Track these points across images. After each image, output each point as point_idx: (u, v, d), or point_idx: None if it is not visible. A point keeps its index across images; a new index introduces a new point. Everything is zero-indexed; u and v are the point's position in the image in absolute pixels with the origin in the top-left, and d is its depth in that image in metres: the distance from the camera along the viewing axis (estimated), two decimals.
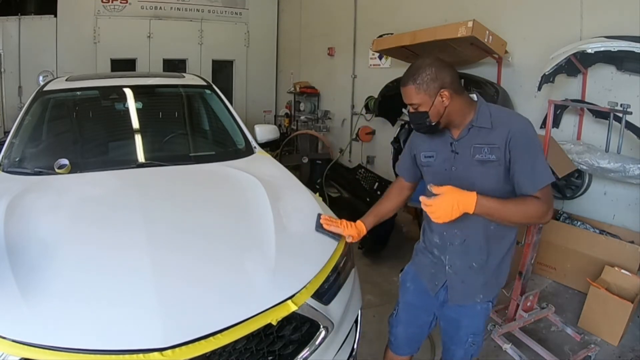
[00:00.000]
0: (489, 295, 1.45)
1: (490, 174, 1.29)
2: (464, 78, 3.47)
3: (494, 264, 1.41)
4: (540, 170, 1.25)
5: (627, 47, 2.49)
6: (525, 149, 1.25)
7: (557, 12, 3.10)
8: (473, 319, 1.48)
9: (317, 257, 1.52)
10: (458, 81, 1.31)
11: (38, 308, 1.18)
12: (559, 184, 3.15)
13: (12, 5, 5.50)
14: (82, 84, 2.68)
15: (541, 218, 1.25)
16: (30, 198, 1.71)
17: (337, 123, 5.83)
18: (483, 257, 1.39)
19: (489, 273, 1.42)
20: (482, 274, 1.41)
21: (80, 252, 1.40)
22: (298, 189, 1.94)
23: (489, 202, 1.21)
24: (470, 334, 1.49)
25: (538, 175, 1.24)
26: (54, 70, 5.64)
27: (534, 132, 1.29)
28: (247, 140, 2.51)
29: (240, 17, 6.82)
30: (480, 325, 1.51)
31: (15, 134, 2.24)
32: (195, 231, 1.54)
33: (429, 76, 1.27)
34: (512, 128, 1.26)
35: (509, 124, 1.27)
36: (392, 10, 4.68)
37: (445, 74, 1.27)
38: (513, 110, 3.33)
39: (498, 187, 1.29)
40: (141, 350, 1.11)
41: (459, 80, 1.32)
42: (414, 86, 1.28)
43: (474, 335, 1.49)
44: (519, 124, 1.28)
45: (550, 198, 1.26)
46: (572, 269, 2.88)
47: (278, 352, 1.33)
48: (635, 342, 2.38)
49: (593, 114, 2.93)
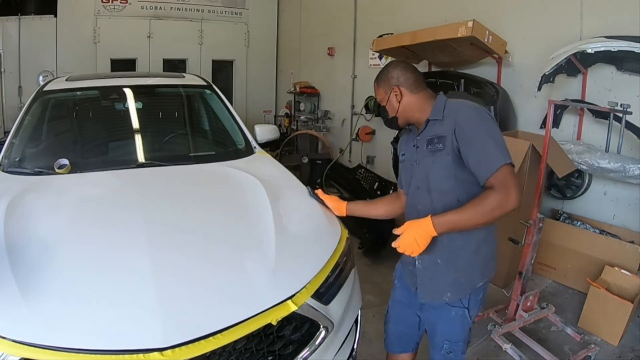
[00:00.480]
0: (458, 295, 1.41)
1: (440, 162, 1.34)
2: (464, 78, 3.48)
3: (460, 262, 1.39)
4: (490, 154, 1.24)
5: (627, 47, 2.49)
6: (471, 137, 1.27)
7: (557, 12, 3.11)
8: (447, 324, 1.46)
9: (317, 257, 1.52)
10: (416, 81, 1.41)
11: (38, 308, 1.17)
12: (559, 184, 3.16)
13: (12, 5, 5.49)
14: (82, 84, 2.68)
15: (504, 207, 1.21)
16: (30, 198, 1.71)
17: (337, 123, 5.83)
18: (445, 254, 1.38)
19: (457, 271, 1.39)
20: (449, 272, 1.40)
21: (80, 252, 1.40)
22: (298, 189, 1.94)
23: (446, 217, 1.25)
24: (446, 340, 1.47)
25: (487, 161, 1.24)
26: (54, 70, 5.63)
27: (481, 119, 1.30)
28: (247, 140, 2.51)
29: (240, 17, 6.82)
30: (457, 334, 1.47)
31: (15, 134, 2.24)
32: (195, 231, 1.54)
33: (385, 75, 1.44)
34: (458, 117, 1.31)
35: (456, 113, 1.32)
36: (392, 10, 4.68)
37: (400, 74, 1.41)
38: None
39: (448, 175, 1.33)
40: (141, 350, 1.11)
41: (420, 80, 1.42)
42: (376, 84, 1.47)
43: (450, 342, 1.46)
44: (464, 113, 1.31)
45: (508, 181, 1.21)
46: (572, 269, 2.88)
47: (278, 352, 1.33)
48: (635, 342, 2.38)
49: (593, 114, 2.93)
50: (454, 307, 1.43)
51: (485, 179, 1.24)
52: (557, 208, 3.24)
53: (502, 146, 1.26)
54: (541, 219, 2.21)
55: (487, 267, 1.44)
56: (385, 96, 1.44)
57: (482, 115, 1.31)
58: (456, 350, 1.48)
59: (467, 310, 1.43)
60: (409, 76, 1.41)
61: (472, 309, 1.44)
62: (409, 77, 1.41)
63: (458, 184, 1.33)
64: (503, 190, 1.20)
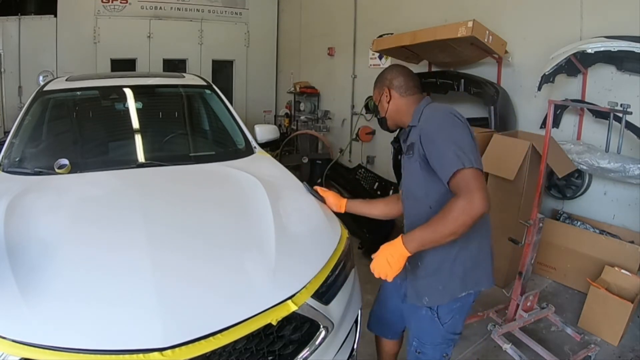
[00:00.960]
0: (435, 302, 1.39)
1: (412, 169, 1.39)
2: (464, 78, 3.48)
3: (437, 269, 1.37)
4: (448, 159, 1.22)
5: (627, 47, 2.49)
6: (433, 143, 1.28)
7: (557, 12, 3.11)
8: (417, 322, 1.47)
9: (317, 257, 1.52)
10: (406, 85, 1.45)
11: (38, 308, 1.17)
12: (559, 184, 3.16)
13: (12, 5, 5.49)
14: (82, 84, 2.68)
15: (469, 213, 1.16)
16: (30, 198, 1.71)
17: (337, 123, 5.83)
18: (416, 259, 1.36)
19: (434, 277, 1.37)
20: (427, 276, 1.40)
21: (80, 252, 1.40)
22: (298, 189, 1.94)
23: (414, 234, 1.24)
24: (415, 337, 1.48)
25: (445, 165, 1.23)
26: (54, 70, 5.63)
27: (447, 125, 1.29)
28: (247, 140, 2.51)
29: (240, 17, 6.82)
30: (425, 335, 1.45)
31: (15, 134, 2.24)
32: (195, 231, 1.54)
33: (381, 76, 1.51)
34: (424, 125, 1.33)
35: (425, 120, 1.34)
36: (392, 10, 4.68)
37: (392, 77, 1.46)
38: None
39: (419, 182, 1.36)
40: (141, 350, 1.11)
41: (411, 85, 1.45)
42: (374, 84, 1.54)
43: (418, 341, 1.46)
44: (431, 120, 1.33)
45: (470, 185, 1.18)
46: (572, 269, 2.88)
47: (278, 352, 1.32)
48: (635, 342, 2.38)
49: (593, 114, 2.93)
50: (422, 306, 1.43)
51: (446, 180, 1.23)
52: (557, 208, 3.24)
53: (465, 151, 1.22)
54: (541, 219, 2.21)
55: (470, 278, 1.37)
56: (378, 96, 1.51)
57: (448, 122, 1.30)
58: (425, 352, 1.46)
59: (436, 315, 1.41)
60: (401, 80, 1.45)
61: (442, 316, 1.40)
62: (401, 80, 1.45)
63: (429, 191, 1.33)
64: (466, 196, 1.17)
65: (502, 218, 2.90)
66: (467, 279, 1.37)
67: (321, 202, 1.80)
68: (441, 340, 1.44)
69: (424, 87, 3.96)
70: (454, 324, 1.43)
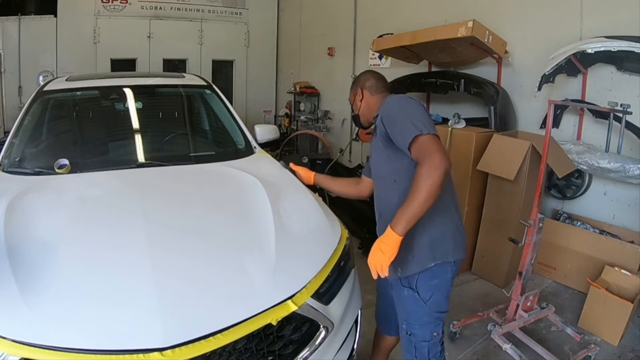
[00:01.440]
0: (406, 271, 1.44)
1: (377, 147, 1.54)
2: (464, 78, 3.48)
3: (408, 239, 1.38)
4: (407, 129, 1.35)
5: (627, 47, 2.49)
6: (393, 119, 1.43)
7: (557, 12, 3.11)
8: (402, 303, 1.52)
9: (317, 257, 1.52)
10: (376, 85, 1.66)
11: (38, 308, 1.18)
12: (559, 184, 3.16)
13: (12, 5, 5.49)
14: (82, 84, 2.68)
15: (435, 172, 1.25)
16: (30, 198, 1.71)
17: (337, 123, 5.83)
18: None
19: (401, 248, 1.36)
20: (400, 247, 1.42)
21: (80, 252, 1.40)
22: (298, 189, 1.94)
23: (397, 218, 1.29)
24: (404, 320, 1.53)
25: (405, 134, 1.35)
26: (54, 70, 5.63)
27: (401, 104, 1.46)
28: (247, 140, 2.51)
29: (240, 17, 6.82)
30: (411, 315, 1.50)
31: (15, 134, 2.24)
32: (195, 231, 1.54)
33: (356, 80, 1.73)
34: (384, 108, 1.50)
35: (384, 106, 1.51)
36: (392, 10, 4.68)
37: (366, 80, 1.68)
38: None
39: (383, 156, 1.51)
40: (141, 350, 1.11)
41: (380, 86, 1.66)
42: (350, 87, 1.74)
43: (407, 323, 1.52)
44: (388, 104, 1.51)
45: (429, 148, 1.29)
46: (572, 269, 2.88)
47: (278, 352, 1.33)
48: (635, 342, 2.38)
49: (593, 114, 2.93)
50: (404, 287, 1.48)
51: (408, 149, 1.35)
52: (557, 208, 3.24)
53: (421, 121, 1.35)
54: (541, 219, 2.21)
55: (437, 248, 1.44)
56: (353, 96, 1.72)
57: (404, 102, 1.47)
58: (415, 334, 1.51)
59: (416, 294, 1.47)
60: (372, 81, 1.67)
61: (422, 292, 1.46)
62: (372, 82, 1.67)
63: (393, 165, 1.47)
64: (427, 159, 1.28)
65: (502, 218, 2.90)
66: (435, 249, 1.44)
67: (321, 201, 1.82)
68: (427, 318, 1.49)
69: (424, 87, 4.02)
70: (436, 301, 1.48)
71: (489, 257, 3.01)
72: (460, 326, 2.34)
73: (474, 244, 3.11)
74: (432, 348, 1.51)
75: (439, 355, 1.53)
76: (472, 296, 2.84)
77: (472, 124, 3.18)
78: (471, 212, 3.02)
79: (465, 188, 2.96)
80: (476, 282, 3.02)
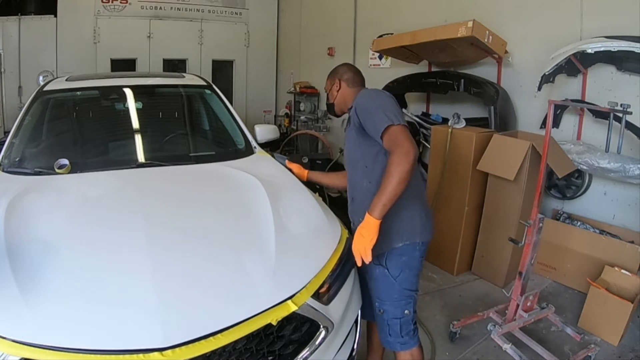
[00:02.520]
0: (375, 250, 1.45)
1: (350, 136, 1.64)
2: (464, 78, 3.48)
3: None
4: (379, 119, 1.45)
5: (627, 47, 2.49)
6: (365, 110, 1.53)
7: (557, 12, 3.11)
8: (373, 281, 1.61)
9: (317, 257, 1.52)
10: (353, 78, 1.74)
11: (38, 308, 1.17)
12: (559, 184, 3.16)
13: (12, 5, 5.49)
14: (82, 84, 2.68)
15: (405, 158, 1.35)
16: (31, 198, 1.71)
17: (337, 123, 5.81)
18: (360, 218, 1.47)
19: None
20: None
21: (80, 252, 1.40)
22: (298, 189, 1.94)
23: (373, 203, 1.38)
24: (376, 298, 1.62)
25: (377, 124, 1.46)
26: (54, 70, 5.62)
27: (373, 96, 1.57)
28: (247, 140, 2.51)
29: (240, 17, 6.81)
30: (383, 293, 1.59)
31: (15, 134, 2.24)
32: (195, 231, 1.54)
33: (334, 71, 1.80)
34: (358, 100, 1.59)
35: (358, 98, 1.60)
36: (392, 10, 4.68)
37: (343, 71, 1.76)
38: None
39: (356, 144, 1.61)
40: (141, 350, 1.11)
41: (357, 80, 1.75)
42: (328, 76, 1.81)
43: (379, 301, 1.60)
44: (362, 96, 1.60)
45: (398, 137, 1.40)
46: (572, 269, 2.88)
47: (278, 352, 1.32)
48: (635, 342, 2.38)
49: (593, 114, 2.93)
50: (375, 265, 1.56)
51: (380, 138, 1.45)
52: (557, 208, 3.24)
53: (391, 112, 1.45)
54: (541, 219, 2.21)
55: (404, 230, 1.55)
56: (329, 86, 1.79)
57: (375, 94, 1.58)
58: (387, 310, 1.59)
59: (387, 270, 1.57)
60: (350, 74, 1.75)
61: (392, 271, 1.57)
62: (350, 75, 1.75)
63: (364, 152, 1.57)
64: (397, 147, 1.38)
65: (502, 218, 2.90)
66: (402, 230, 1.55)
67: (321, 201, 1.83)
68: (398, 296, 1.58)
69: (424, 87, 4.02)
70: (405, 278, 1.58)
71: (489, 257, 3.02)
72: (460, 326, 2.35)
73: (474, 244, 3.11)
74: (404, 326, 1.59)
75: (412, 334, 1.61)
76: (472, 296, 2.84)
77: (472, 124, 3.18)
78: (471, 212, 3.02)
79: (465, 188, 2.96)
80: (476, 282, 3.02)
